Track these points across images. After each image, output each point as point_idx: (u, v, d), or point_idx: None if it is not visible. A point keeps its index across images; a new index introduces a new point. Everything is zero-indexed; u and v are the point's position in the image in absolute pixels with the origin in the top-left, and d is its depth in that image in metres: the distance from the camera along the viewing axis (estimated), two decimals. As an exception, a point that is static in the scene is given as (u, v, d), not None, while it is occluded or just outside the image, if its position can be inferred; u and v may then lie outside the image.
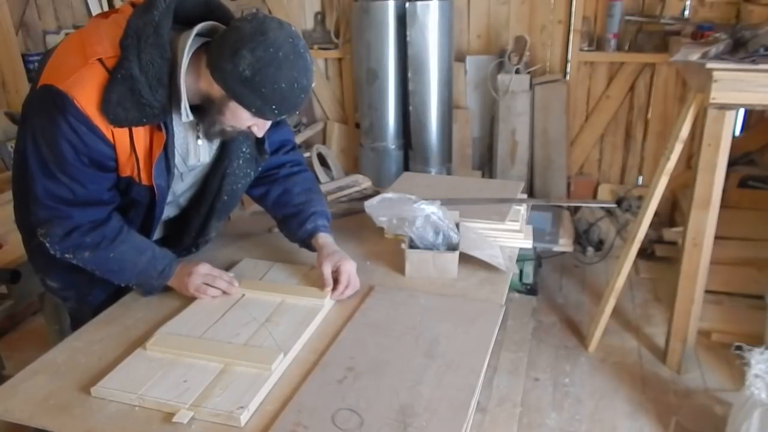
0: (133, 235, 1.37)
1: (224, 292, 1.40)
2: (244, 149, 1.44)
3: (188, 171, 1.42)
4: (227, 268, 1.54)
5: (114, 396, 1.11)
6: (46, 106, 1.19)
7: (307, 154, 3.71)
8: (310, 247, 1.51)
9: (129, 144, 1.25)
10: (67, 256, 1.32)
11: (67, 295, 1.56)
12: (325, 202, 1.61)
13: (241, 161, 1.45)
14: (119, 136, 1.23)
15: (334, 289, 1.40)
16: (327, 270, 1.41)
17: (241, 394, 1.09)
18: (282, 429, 1.02)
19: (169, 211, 1.50)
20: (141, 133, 1.25)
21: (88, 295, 1.52)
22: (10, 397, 1.13)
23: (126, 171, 1.29)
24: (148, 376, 1.14)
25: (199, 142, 1.38)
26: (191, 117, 1.26)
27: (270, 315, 1.33)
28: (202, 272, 1.40)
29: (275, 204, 1.57)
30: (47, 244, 1.31)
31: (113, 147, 1.24)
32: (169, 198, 1.44)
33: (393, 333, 1.28)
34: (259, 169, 1.52)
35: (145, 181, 1.31)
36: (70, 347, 1.27)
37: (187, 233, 1.56)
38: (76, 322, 1.45)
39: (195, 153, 1.39)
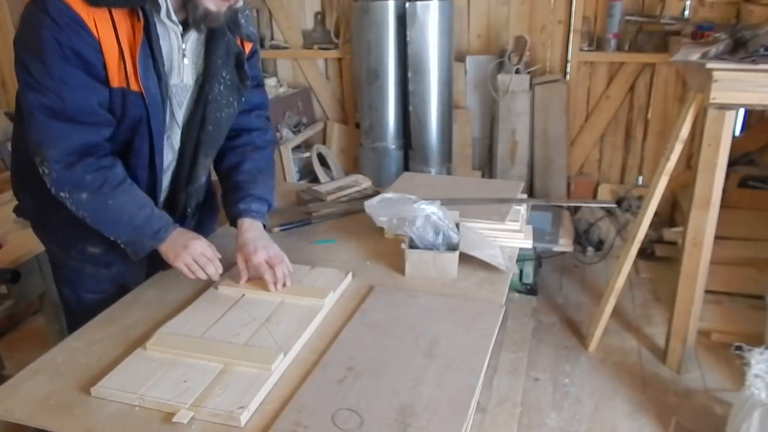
0: (135, 188, 1.36)
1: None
2: (224, 74, 1.44)
3: (173, 93, 1.41)
4: (227, 268, 1.54)
5: (114, 396, 1.10)
6: (29, 13, 1.21)
7: (307, 154, 3.71)
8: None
9: (114, 39, 1.23)
10: (62, 194, 1.30)
11: (110, 260, 1.53)
12: (272, 187, 1.59)
13: (222, 87, 1.45)
14: (103, 30, 1.22)
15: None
16: (240, 262, 1.44)
17: (241, 394, 1.09)
18: (282, 429, 1.02)
19: (166, 156, 1.48)
20: (123, 26, 1.24)
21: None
22: (10, 397, 1.13)
23: (116, 80, 1.27)
24: (148, 376, 1.14)
25: (185, 61, 1.38)
26: (171, 10, 1.27)
27: (270, 315, 1.33)
28: (198, 250, 1.39)
29: (224, 174, 1.59)
30: (45, 175, 1.28)
31: (98, 43, 1.22)
32: (168, 156, 1.44)
33: (393, 333, 1.28)
34: (242, 99, 1.51)
35: (135, 87, 1.29)
36: (70, 347, 1.27)
37: (178, 177, 1.53)
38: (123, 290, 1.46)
39: (179, 72, 1.38)
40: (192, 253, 1.38)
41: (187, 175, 1.53)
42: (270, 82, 3.79)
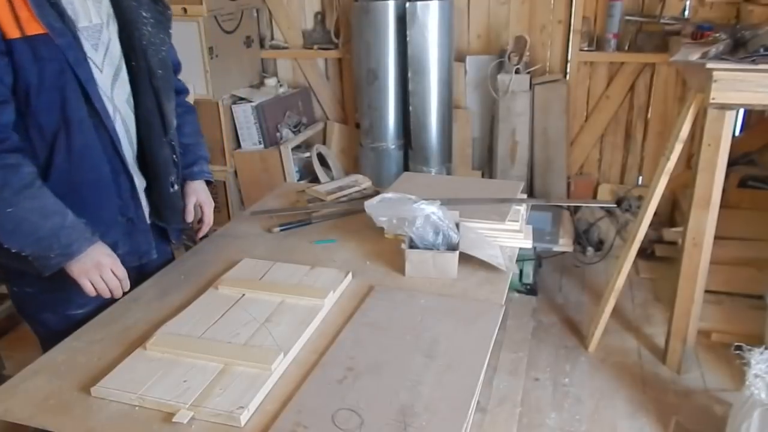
0: (45, 194, 1.24)
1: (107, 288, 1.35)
2: (144, 14, 1.43)
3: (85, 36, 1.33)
4: (227, 268, 1.54)
5: (114, 396, 1.11)
6: None
7: (307, 154, 3.71)
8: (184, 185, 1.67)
9: None
10: None
11: (115, 240, 1.45)
12: (206, 146, 1.77)
13: (149, 27, 1.44)
14: None
15: (199, 229, 1.68)
16: (190, 202, 1.66)
17: (241, 394, 1.09)
18: (282, 429, 1.02)
19: (124, 124, 1.44)
20: None
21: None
22: (10, 397, 1.13)
23: (12, 28, 1.17)
24: (148, 376, 1.14)
25: (88, 1, 1.33)
26: None
27: (270, 315, 1.33)
28: (108, 269, 1.33)
29: None
30: None
31: None
32: (109, 107, 1.37)
33: (393, 333, 1.28)
34: (170, 31, 1.52)
35: (37, 29, 1.19)
36: (70, 347, 1.27)
37: (154, 132, 1.50)
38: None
39: (85, 13, 1.32)
40: (102, 270, 1.31)
41: (161, 127, 1.51)
42: (270, 82, 3.78)
